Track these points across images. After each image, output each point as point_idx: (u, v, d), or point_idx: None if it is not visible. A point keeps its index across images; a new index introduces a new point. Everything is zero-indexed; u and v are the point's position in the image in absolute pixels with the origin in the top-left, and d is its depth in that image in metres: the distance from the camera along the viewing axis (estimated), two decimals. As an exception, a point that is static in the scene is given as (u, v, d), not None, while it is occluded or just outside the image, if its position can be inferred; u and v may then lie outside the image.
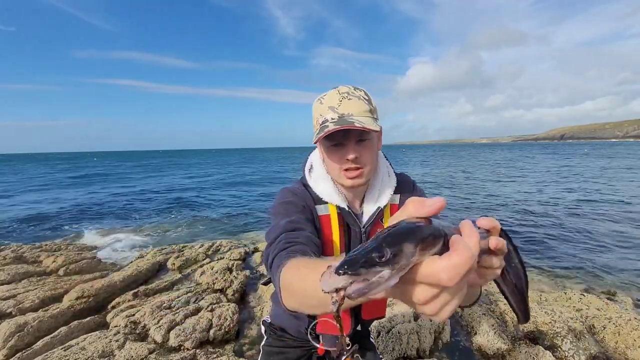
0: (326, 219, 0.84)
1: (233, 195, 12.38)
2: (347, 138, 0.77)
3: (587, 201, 8.76)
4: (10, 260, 4.02)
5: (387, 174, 0.91)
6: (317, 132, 0.79)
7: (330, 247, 0.84)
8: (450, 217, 7.51)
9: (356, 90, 0.80)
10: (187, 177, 20.99)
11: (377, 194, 0.87)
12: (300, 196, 0.85)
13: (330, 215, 0.84)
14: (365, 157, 0.80)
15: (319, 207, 0.85)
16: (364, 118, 0.76)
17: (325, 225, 0.84)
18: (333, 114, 0.76)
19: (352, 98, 0.78)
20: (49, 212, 9.00)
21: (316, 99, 0.83)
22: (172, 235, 6.51)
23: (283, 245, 0.68)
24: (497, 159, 34.84)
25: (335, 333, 0.89)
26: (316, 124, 0.81)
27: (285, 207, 0.82)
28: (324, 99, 0.80)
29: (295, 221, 0.75)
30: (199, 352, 2.16)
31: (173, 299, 2.75)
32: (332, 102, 0.78)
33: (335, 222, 0.84)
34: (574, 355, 2.07)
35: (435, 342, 2.31)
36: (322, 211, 0.85)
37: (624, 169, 17.94)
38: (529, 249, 5.03)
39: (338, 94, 0.79)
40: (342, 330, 0.35)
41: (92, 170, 30.33)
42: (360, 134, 0.78)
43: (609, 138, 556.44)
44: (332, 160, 0.81)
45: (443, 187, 13.05)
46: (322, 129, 0.75)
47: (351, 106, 0.76)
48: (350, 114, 0.76)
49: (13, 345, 2.19)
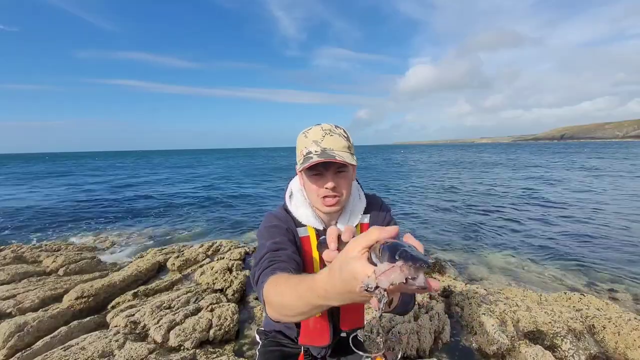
0: (306, 239, 0.94)
1: (233, 195, 12.39)
2: (327, 169, 0.87)
3: (587, 200, 8.76)
4: (10, 260, 4.02)
5: (358, 197, 1.02)
6: (301, 161, 0.88)
7: (310, 264, 0.94)
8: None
9: (337, 128, 0.91)
10: (187, 177, 20.98)
11: (348, 216, 0.99)
12: (283, 220, 0.96)
13: (310, 236, 0.95)
14: (342, 186, 0.90)
15: (299, 229, 0.95)
16: (343, 153, 0.86)
17: (306, 245, 0.94)
18: (316, 147, 0.86)
19: (333, 135, 0.88)
20: (49, 212, 9.00)
21: (301, 133, 0.92)
22: (172, 235, 6.51)
23: (267, 263, 0.78)
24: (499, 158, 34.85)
25: (315, 344, 0.98)
26: (300, 155, 0.91)
27: (270, 230, 0.92)
28: (308, 133, 0.90)
29: (278, 242, 0.85)
30: (199, 352, 2.17)
31: (173, 299, 2.75)
32: (316, 137, 0.88)
33: (314, 242, 0.94)
34: (574, 355, 2.06)
35: (435, 342, 2.31)
36: (303, 233, 0.95)
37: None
38: (529, 249, 5.03)
39: (322, 130, 0.89)
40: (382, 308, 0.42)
41: (92, 170, 30.33)
42: (339, 166, 0.88)
43: (609, 138, 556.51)
44: (312, 188, 0.90)
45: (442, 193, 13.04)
46: (307, 160, 0.85)
47: (332, 142, 0.87)
48: (331, 148, 0.86)
49: (13, 345, 2.18)
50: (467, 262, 4.59)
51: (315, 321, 0.95)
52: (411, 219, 7.49)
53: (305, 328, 0.97)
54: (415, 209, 8.75)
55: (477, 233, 6.06)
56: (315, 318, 0.95)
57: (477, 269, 4.30)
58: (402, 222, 7.04)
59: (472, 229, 6.37)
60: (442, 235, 6.02)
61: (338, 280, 0.43)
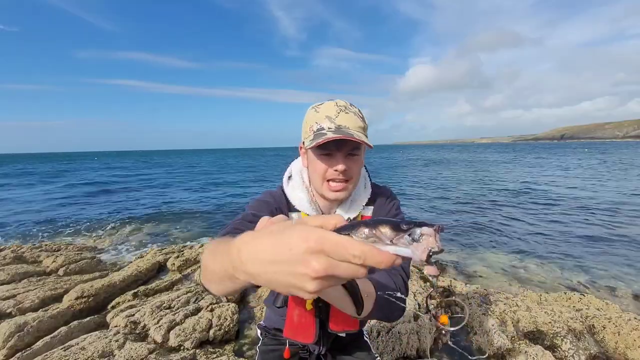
0: None
1: (233, 195, 12.38)
2: (340, 149, 0.79)
3: (587, 200, 8.76)
4: (10, 260, 4.02)
5: (364, 186, 0.94)
6: (310, 138, 0.79)
7: None
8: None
9: (352, 106, 0.82)
10: (187, 177, 20.98)
11: (348, 205, 0.90)
12: (277, 200, 0.89)
13: None
14: (353, 171, 0.82)
15: (292, 215, 0.88)
16: (359, 133, 0.77)
17: None
18: (330, 123, 0.77)
19: (349, 112, 0.79)
20: (49, 212, 9.00)
21: (310, 107, 0.84)
22: (172, 235, 6.51)
23: (229, 229, 0.72)
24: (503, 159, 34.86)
25: (299, 340, 0.89)
26: (309, 131, 0.81)
27: (258, 203, 0.87)
28: (319, 107, 0.81)
29: (258, 216, 0.77)
30: (199, 352, 2.17)
31: (173, 299, 2.75)
32: (329, 112, 0.79)
33: None
34: (574, 355, 2.07)
35: (435, 342, 2.31)
36: (295, 218, 0.87)
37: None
38: (529, 249, 5.03)
39: (336, 106, 0.80)
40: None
41: (92, 170, 30.33)
42: (353, 148, 0.79)
43: (609, 138, 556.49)
44: (319, 168, 0.81)
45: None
46: (319, 136, 0.75)
47: (348, 120, 0.78)
48: (347, 126, 0.77)
49: (13, 345, 2.18)
50: (466, 262, 4.59)
51: (300, 315, 0.87)
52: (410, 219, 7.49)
53: (289, 321, 0.89)
54: (415, 209, 8.75)
55: (476, 233, 6.06)
56: (300, 312, 0.86)
57: (477, 269, 4.29)
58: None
59: (472, 228, 6.37)
60: (441, 235, 6.02)
61: (268, 240, 0.33)
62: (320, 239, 0.30)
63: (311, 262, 0.30)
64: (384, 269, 0.31)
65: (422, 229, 0.34)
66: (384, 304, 0.68)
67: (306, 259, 0.30)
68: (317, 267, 0.30)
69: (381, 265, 0.31)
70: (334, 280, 0.33)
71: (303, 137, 0.85)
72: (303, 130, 0.85)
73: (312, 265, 0.30)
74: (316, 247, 0.30)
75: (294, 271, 0.31)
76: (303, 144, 0.86)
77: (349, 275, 0.31)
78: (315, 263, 0.30)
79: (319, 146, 0.76)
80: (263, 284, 0.36)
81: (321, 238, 0.30)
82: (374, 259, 0.30)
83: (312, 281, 0.31)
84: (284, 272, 0.31)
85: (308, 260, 0.30)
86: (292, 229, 0.32)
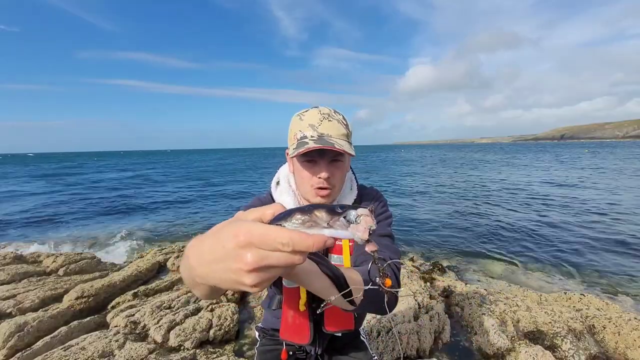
0: None
1: (233, 195, 12.39)
2: (322, 157, 0.81)
3: (587, 200, 8.76)
4: (10, 260, 4.01)
5: (350, 188, 0.95)
6: (294, 146, 0.81)
7: None
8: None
9: (336, 113, 0.83)
10: (187, 177, 20.98)
11: None
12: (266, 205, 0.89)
13: None
14: (336, 178, 0.84)
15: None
16: (341, 141, 0.79)
17: None
18: (312, 131, 0.79)
19: (332, 120, 0.81)
20: (48, 212, 9.00)
21: (295, 114, 0.85)
22: (172, 235, 6.51)
23: None
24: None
25: (294, 341, 0.89)
26: (293, 138, 0.83)
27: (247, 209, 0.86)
28: (304, 115, 0.83)
29: None
30: (199, 352, 2.17)
31: (173, 299, 2.75)
32: (313, 121, 0.80)
33: None
34: (574, 355, 2.07)
35: (435, 342, 2.31)
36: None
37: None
38: (529, 249, 5.03)
39: (319, 114, 0.81)
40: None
41: (92, 170, 30.33)
42: (335, 155, 0.81)
43: (609, 138, 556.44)
44: (305, 175, 0.83)
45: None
46: (301, 145, 0.77)
47: (330, 128, 0.80)
48: (329, 135, 0.79)
49: (13, 345, 2.18)
50: (466, 262, 4.59)
51: (295, 317, 0.88)
52: (409, 220, 7.48)
53: (285, 322, 0.90)
54: (414, 209, 8.74)
55: (476, 233, 6.06)
56: (295, 313, 0.88)
57: (477, 269, 4.30)
58: (399, 223, 7.04)
59: (471, 229, 6.37)
60: (441, 236, 6.02)
61: (208, 241, 0.35)
62: (248, 233, 0.31)
63: (243, 256, 0.31)
64: (314, 251, 0.32)
65: (358, 210, 0.36)
66: (375, 294, 0.67)
67: (238, 253, 0.31)
68: (249, 260, 0.31)
69: (312, 248, 0.31)
70: (273, 271, 0.33)
71: (288, 144, 0.87)
72: (288, 138, 0.87)
73: (244, 259, 0.31)
74: (245, 240, 0.31)
75: (230, 267, 0.32)
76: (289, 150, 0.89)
77: (284, 263, 0.32)
78: (247, 256, 0.31)
79: (302, 154, 0.79)
80: (214, 284, 0.36)
81: (249, 232, 0.31)
82: (303, 244, 0.31)
83: (249, 274, 0.32)
84: (223, 269, 0.33)
85: (240, 254, 0.31)
86: (227, 227, 0.33)
